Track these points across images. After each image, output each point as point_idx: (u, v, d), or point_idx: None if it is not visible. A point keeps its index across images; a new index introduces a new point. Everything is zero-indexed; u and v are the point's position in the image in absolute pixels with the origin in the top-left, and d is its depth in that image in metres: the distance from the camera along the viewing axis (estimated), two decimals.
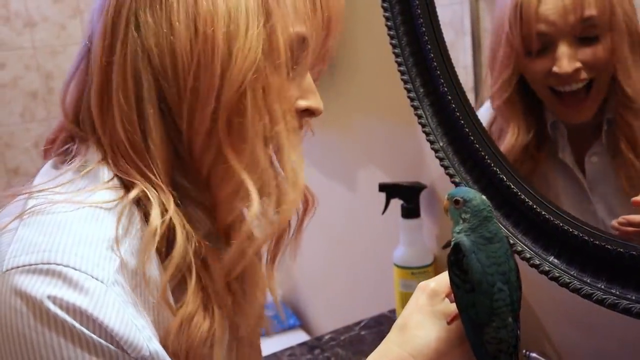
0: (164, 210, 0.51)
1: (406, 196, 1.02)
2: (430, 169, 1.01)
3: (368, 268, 1.22)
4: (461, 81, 0.78)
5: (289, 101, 0.56)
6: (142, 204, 0.52)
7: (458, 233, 0.52)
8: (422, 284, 0.58)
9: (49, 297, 0.44)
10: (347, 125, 1.22)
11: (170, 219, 0.51)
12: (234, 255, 0.55)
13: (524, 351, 0.84)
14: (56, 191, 0.51)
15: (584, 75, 0.70)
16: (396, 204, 1.04)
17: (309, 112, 0.58)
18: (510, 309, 0.50)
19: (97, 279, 0.46)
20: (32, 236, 0.47)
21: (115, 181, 0.53)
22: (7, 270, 0.45)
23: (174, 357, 0.52)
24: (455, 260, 0.51)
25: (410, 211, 1.02)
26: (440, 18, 0.79)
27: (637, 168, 0.69)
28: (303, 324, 1.54)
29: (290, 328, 1.54)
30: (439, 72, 0.77)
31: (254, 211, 0.52)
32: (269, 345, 1.09)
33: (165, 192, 0.52)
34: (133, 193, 0.51)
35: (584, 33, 0.68)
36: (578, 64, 0.69)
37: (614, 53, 0.68)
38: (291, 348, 1.05)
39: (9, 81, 1.93)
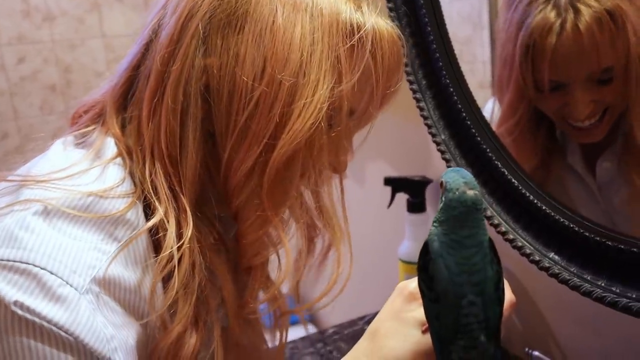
0: (179, 237, 0.50)
1: (412, 190, 1.01)
2: (436, 163, 0.99)
3: (373, 262, 1.21)
4: (479, 77, 0.76)
5: (337, 162, 0.56)
6: (151, 221, 0.51)
7: (434, 226, 0.44)
8: (401, 284, 0.53)
9: (15, 302, 0.43)
10: None
11: (183, 247, 0.50)
12: (250, 296, 0.57)
13: (526, 349, 0.82)
14: (56, 185, 0.50)
15: (598, 111, 0.66)
16: (402, 198, 1.02)
17: (335, 171, 0.58)
18: (484, 326, 0.41)
19: (71, 286, 0.45)
20: (16, 231, 0.46)
21: (121, 189, 0.51)
22: None
23: None
24: (422, 263, 0.44)
25: (416, 205, 1.01)
26: (458, 12, 0.77)
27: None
28: (311, 318, 1.54)
29: (298, 322, 1.54)
30: (441, 63, 0.76)
31: (289, 264, 0.53)
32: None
33: (186, 216, 0.51)
34: (151, 221, 0.50)
35: (600, 78, 0.64)
36: (592, 105, 0.65)
37: (626, 91, 0.64)
38: (294, 341, 1.05)
39: (29, 74, 1.96)
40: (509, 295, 0.49)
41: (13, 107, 1.96)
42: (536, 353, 0.81)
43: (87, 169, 0.52)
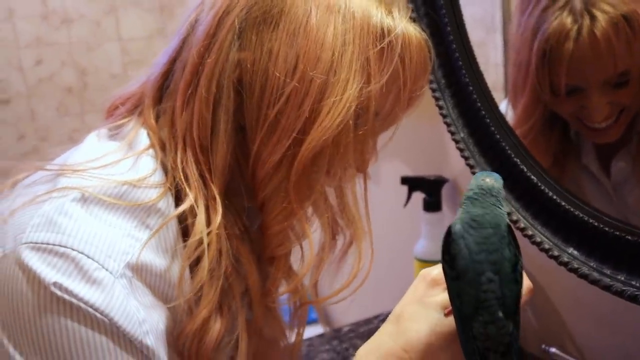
0: (207, 223, 0.52)
1: (428, 189, 1.02)
2: (452, 162, 1.01)
3: (389, 261, 1.22)
4: (492, 80, 0.77)
5: (362, 160, 0.57)
6: (182, 206, 0.53)
7: (460, 213, 0.47)
8: (424, 271, 0.54)
9: (55, 284, 0.45)
10: None
11: (212, 233, 0.52)
12: (273, 286, 0.58)
13: (542, 346, 0.83)
14: (92, 174, 0.52)
15: (614, 112, 0.67)
16: (418, 197, 1.04)
17: (358, 169, 0.60)
18: (501, 302, 0.43)
19: (106, 270, 0.47)
20: (55, 216, 0.48)
21: (154, 178, 0.53)
22: (24, 243, 0.47)
23: (186, 355, 0.54)
24: (445, 244, 0.46)
25: (432, 205, 1.02)
26: (471, 15, 0.79)
27: None
28: (326, 318, 1.54)
29: (313, 322, 1.55)
30: (461, 63, 0.77)
31: (311, 260, 0.55)
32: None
33: (215, 203, 0.53)
34: (182, 207, 0.52)
35: (616, 81, 0.65)
36: (609, 108, 0.66)
37: None
38: (310, 339, 1.06)
39: (46, 76, 1.99)
40: (527, 283, 0.50)
41: (30, 109, 1.99)
42: (553, 350, 0.81)
43: (121, 159, 0.54)
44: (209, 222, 0.53)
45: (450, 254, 0.45)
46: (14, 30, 1.91)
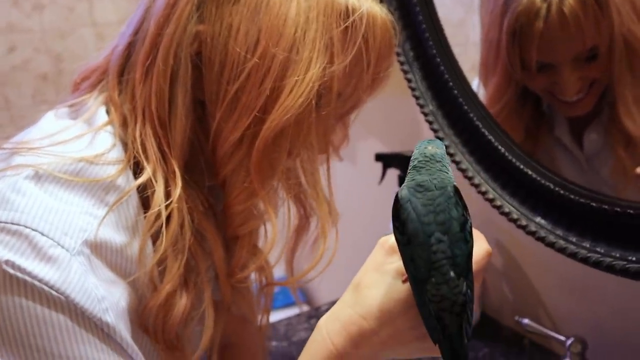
0: (167, 196, 0.51)
1: (403, 166, 1.01)
2: (427, 138, 1.00)
3: (365, 238, 1.22)
4: (472, 59, 0.77)
5: (325, 141, 0.56)
6: (140, 179, 0.52)
7: (406, 181, 0.47)
8: (382, 239, 0.53)
9: (7, 262, 0.44)
10: None
11: (171, 205, 0.51)
12: (237, 265, 0.57)
13: (516, 317, 0.84)
14: (48, 151, 0.51)
15: (585, 86, 0.67)
16: (393, 174, 1.03)
17: (321, 150, 0.59)
18: (451, 262, 0.43)
19: (62, 247, 0.46)
20: (8, 193, 0.47)
21: (112, 154, 0.52)
22: None
23: (151, 331, 0.53)
24: (394, 211, 0.45)
25: None
26: None
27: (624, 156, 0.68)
28: (308, 300, 1.55)
29: (294, 304, 1.56)
30: (428, 34, 0.76)
31: (273, 240, 0.54)
32: (271, 319, 1.10)
33: (174, 177, 0.52)
34: (139, 180, 0.51)
35: (586, 56, 0.65)
36: (580, 83, 0.66)
37: (612, 64, 0.65)
38: (288, 318, 1.06)
39: (20, 63, 1.95)
40: (484, 245, 0.50)
41: (5, 97, 1.96)
42: (526, 321, 0.82)
43: (78, 136, 0.53)
44: (168, 195, 0.52)
45: (399, 220, 0.44)
46: None
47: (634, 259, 0.59)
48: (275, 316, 1.15)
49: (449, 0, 0.85)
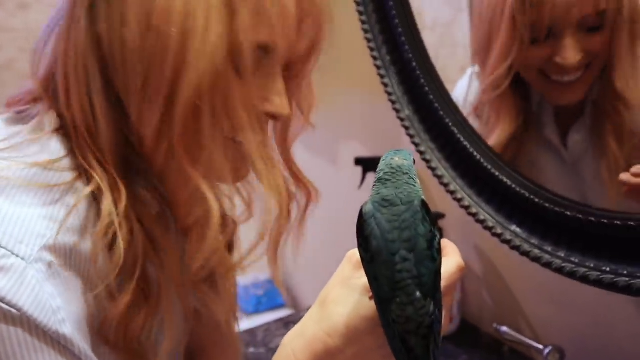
0: (115, 203, 0.50)
1: None
2: (407, 142, 0.99)
3: (346, 243, 1.21)
4: (460, 61, 0.75)
5: (254, 106, 0.53)
6: (89, 186, 0.50)
7: (371, 194, 0.44)
8: (350, 252, 0.51)
9: None
10: (324, 100, 1.21)
11: (119, 215, 0.50)
12: (190, 258, 0.54)
13: (494, 325, 0.83)
14: (2, 157, 0.49)
15: (584, 63, 0.67)
16: (373, 178, 1.02)
17: (273, 116, 0.56)
18: (417, 282, 0.40)
19: (17, 256, 0.44)
20: None
21: (65, 162, 0.51)
22: None
23: (112, 341, 0.51)
24: (358, 226, 0.43)
25: None
26: None
27: (615, 153, 0.67)
28: (292, 303, 1.54)
29: (280, 307, 1.55)
30: (404, 39, 0.75)
31: (215, 223, 0.51)
32: (251, 323, 1.09)
33: (116, 184, 0.51)
34: (89, 188, 0.50)
35: (591, 24, 0.65)
36: (581, 54, 0.66)
37: (613, 40, 0.65)
38: (267, 324, 1.05)
39: (4, 63, 1.93)
40: (456, 260, 0.48)
41: None
42: (504, 329, 0.81)
43: (29, 141, 0.51)
44: (116, 204, 0.50)
45: (363, 236, 0.42)
46: None
47: (607, 269, 0.57)
48: (259, 319, 1.14)
49: (437, 1, 0.83)
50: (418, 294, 0.41)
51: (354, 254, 0.50)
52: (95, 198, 0.51)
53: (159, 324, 0.55)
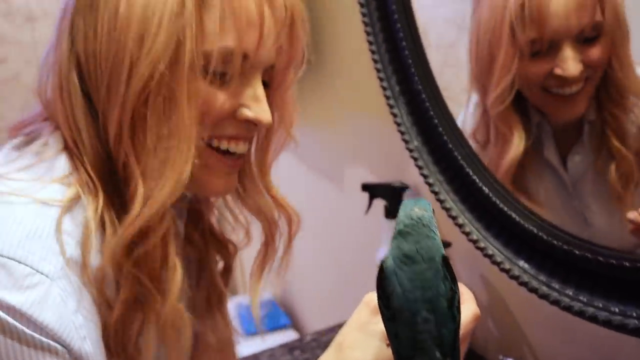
0: (96, 209, 0.52)
1: (389, 196, 1.00)
2: (414, 169, 0.99)
3: (354, 268, 1.21)
4: (463, 82, 0.76)
5: (210, 114, 0.55)
6: (83, 201, 0.52)
7: (390, 247, 0.44)
8: (368, 296, 0.51)
9: None
10: (332, 125, 1.21)
11: (101, 217, 0.51)
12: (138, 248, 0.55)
13: (500, 357, 0.82)
14: (11, 177, 0.51)
15: (583, 75, 0.68)
16: (380, 203, 1.02)
17: (251, 123, 0.57)
18: (438, 342, 0.40)
19: (42, 273, 0.46)
20: None
21: (71, 177, 0.53)
22: None
23: (112, 349, 0.52)
24: (378, 282, 0.43)
25: (394, 212, 1.00)
26: (442, 17, 0.77)
27: (629, 161, 0.67)
28: (294, 324, 1.53)
29: (282, 327, 1.54)
30: (414, 70, 0.75)
31: (131, 215, 0.52)
32: (259, 344, 1.08)
33: (96, 190, 0.53)
34: (69, 193, 0.51)
35: (589, 34, 0.67)
36: (581, 66, 0.67)
37: (612, 50, 0.67)
38: (271, 349, 1.04)
39: (10, 76, 1.94)
40: (472, 308, 0.48)
41: None
42: None
43: (39, 161, 0.53)
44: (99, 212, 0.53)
45: (384, 293, 0.42)
46: None
47: (616, 310, 0.57)
48: (266, 344, 1.13)
49: (442, 21, 0.84)
50: (438, 354, 0.41)
51: (372, 298, 0.50)
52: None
53: (158, 345, 0.56)
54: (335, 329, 1.09)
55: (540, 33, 0.68)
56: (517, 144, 0.74)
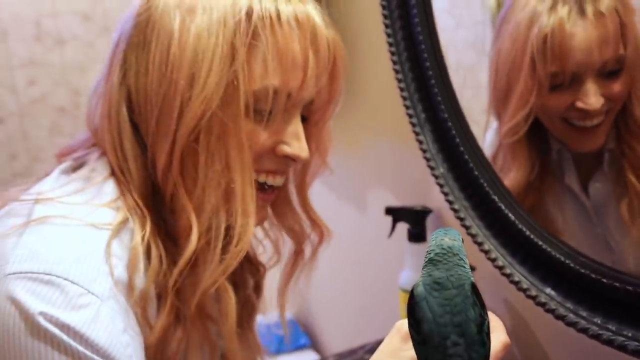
0: (143, 233, 0.55)
1: (412, 220, 1.01)
2: (437, 193, 1.00)
3: (375, 291, 1.21)
4: (482, 103, 0.77)
5: (252, 150, 0.57)
6: (130, 225, 0.55)
7: (421, 274, 0.45)
8: (399, 323, 0.53)
9: (40, 313, 0.46)
10: (357, 150, 1.23)
11: (147, 240, 0.54)
12: (197, 295, 0.57)
13: None
14: (63, 200, 0.54)
15: (604, 109, 0.68)
16: (403, 227, 1.03)
17: (290, 158, 0.60)
18: None
19: (93, 294, 0.49)
20: (36, 245, 0.50)
21: (119, 202, 0.56)
22: (10, 274, 0.48)
23: None
24: (409, 307, 0.44)
25: (417, 235, 1.01)
26: (462, 39, 0.79)
27: (636, 196, 0.68)
28: (314, 344, 1.53)
29: (301, 347, 1.54)
30: (440, 98, 0.77)
31: (189, 249, 0.54)
32: None
33: (144, 216, 0.55)
34: (118, 217, 0.54)
35: (611, 67, 0.67)
36: (603, 100, 0.67)
37: (632, 84, 0.67)
38: None
39: (39, 97, 1.99)
40: (502, 338, 0.49)
41: (22, 129, 1.99)
42: None
43: (88, 186, 0.57)
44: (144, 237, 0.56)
45: (415, 318, 0.43)
46: (7, 51, 1.92)
47: None
48: None
49: (461, 44, 0.86)
50: None
51: (403, 325, 0.51)
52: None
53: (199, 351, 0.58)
54: (356, 351, 1.10)
55: (563, 66, 0.68)
56: (516, 176, 0.74)
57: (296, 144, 0.59)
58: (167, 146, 0.55)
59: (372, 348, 1.08)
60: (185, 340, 0.56)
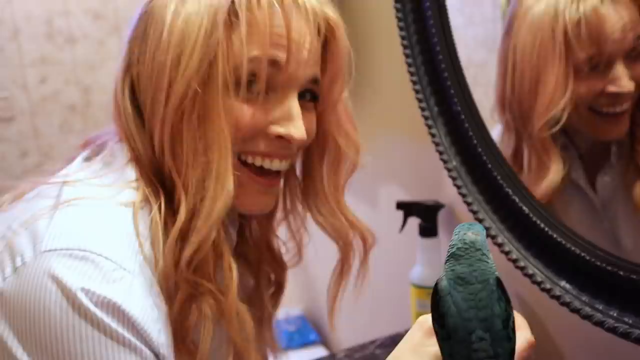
0: (160, 212, 0.57)
1: (424, 215, 1.01)
2: (449, 188, 1.00)
3: (386, 286, 1.21)
4: (491, 98, 0.76)
5: (239, 129, 0.58)
6: (149, 204, 0.57)
7: (444, 268, 0.45)
8: (422, 318, 0.52)
9: (82, 289, 0.47)
10: (368, 143, 1.22)
11: (165, 218, 0.56)
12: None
13: None
14: (90, 183, 0.57)
15: (630, 94, 0.68)
16: (414, 222, 1.03)
17: (284, 139, 0.60)
18: None
19: (125, 269, 0.50)
20: (69, 224, 0.51)
21: (138, 183, 0.58)
22: (45, 251, 0.49)
23: (173, 344, 0.55)
24: (433, 302, 0.44)
25: (428, 230, 1.01)
26: (473, 37, 0.78)
27: None
28: (323, 340, 1.53)
29: (311, 343, 1.54)
30: (453, 91, 0.77)
31: (176, 227, 0.55)
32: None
33: (159, 194, 0.57)
34: (139, 196, 0.56)
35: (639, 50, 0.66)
36: (633, 82, 0.67)
37: None
38: None
39: (50, 95, 2.01)
40: (527, 336, 0.49)
41: (33, 127, 2.01)
42: None
43: (111, 171, 0.59)
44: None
45: (438, 312, 0.43)
46: (19, 49, 1.93)
47: None
48: (291, 356, 1.13)
49: (472, 41, 0.85)
50: None
51: (426, 320, 0.51)
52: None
53: (219, 339, 0.60)
54: (367, 346, 1.09)
55: (600, 48, 0.67)
56: (556, 171, 0.73)
57: (288, 124, 0.59)
58: (159, 126, 0.57)
59: (384, 343, 1.08)
60: (198, 314, 0.57)
